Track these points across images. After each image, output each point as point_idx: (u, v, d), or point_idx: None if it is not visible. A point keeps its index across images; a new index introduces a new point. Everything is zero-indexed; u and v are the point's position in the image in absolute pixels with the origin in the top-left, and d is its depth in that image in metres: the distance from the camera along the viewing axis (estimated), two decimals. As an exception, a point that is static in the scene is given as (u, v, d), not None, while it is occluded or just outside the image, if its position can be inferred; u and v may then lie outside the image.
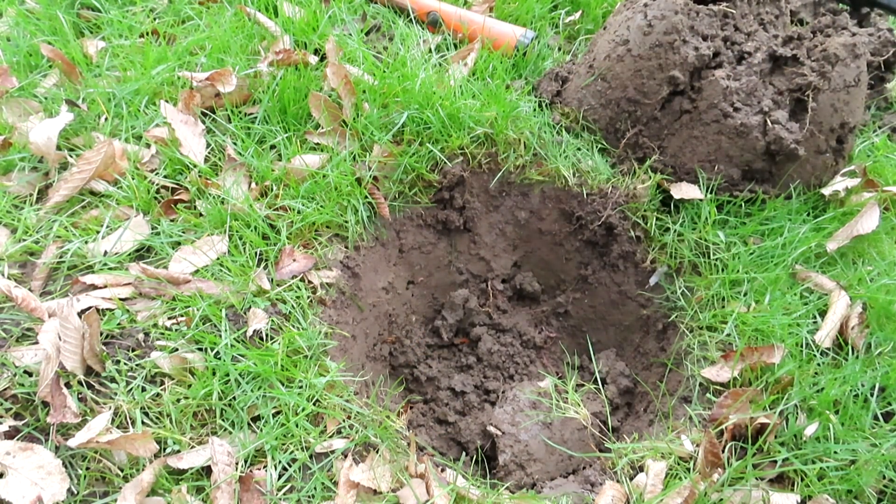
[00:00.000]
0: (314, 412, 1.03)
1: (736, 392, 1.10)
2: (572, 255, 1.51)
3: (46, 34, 1.52)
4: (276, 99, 1.39)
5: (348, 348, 1.22)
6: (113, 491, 0.92)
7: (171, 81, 1.42)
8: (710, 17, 1.41)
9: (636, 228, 1.41)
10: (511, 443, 1.19)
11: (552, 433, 1.22)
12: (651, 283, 1.40)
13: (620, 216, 1.41)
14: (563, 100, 1.57)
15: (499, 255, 1.55)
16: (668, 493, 1.00)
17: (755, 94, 1.36)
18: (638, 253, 1.42)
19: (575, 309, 1.52)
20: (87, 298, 1.07)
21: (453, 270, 1.54)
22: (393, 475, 1.00)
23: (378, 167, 1.36)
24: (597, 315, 1.50)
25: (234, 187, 1.26)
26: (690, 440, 1.08)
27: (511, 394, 1.27)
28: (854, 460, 1.03)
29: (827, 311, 1.21)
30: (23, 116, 1.34)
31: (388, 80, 1.44)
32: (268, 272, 1.17)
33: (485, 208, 1.52)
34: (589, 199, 1.44)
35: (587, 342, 1.47)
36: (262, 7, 1.62)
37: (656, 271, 1.39)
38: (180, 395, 1.01)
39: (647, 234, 1.40)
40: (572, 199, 1.46)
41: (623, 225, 1.42)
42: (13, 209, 1.21)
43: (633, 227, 1.41)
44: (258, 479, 0.95)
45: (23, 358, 1.00)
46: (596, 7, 1.86)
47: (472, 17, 1.68)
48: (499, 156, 1.46)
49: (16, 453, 0.90)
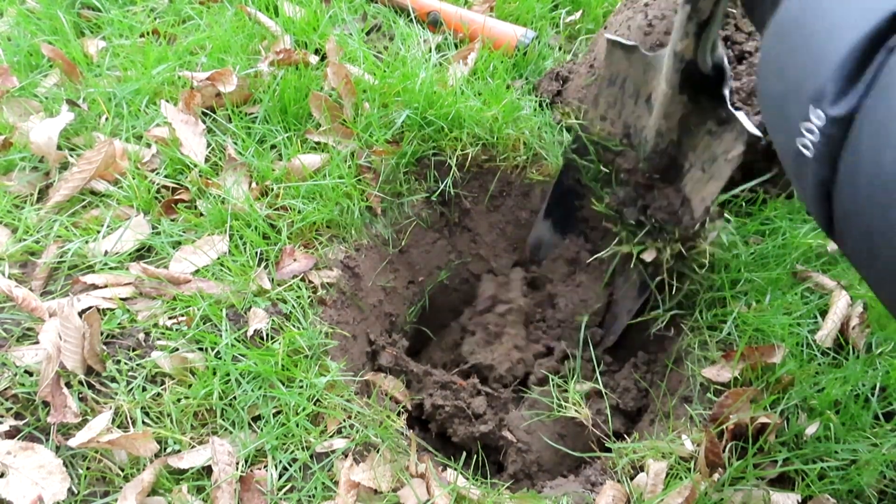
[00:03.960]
0: (315, 412, 1.04)
1: (736, 392, 1.10)
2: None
3: (47, 34, 1.52)
4: (277, 99, 1.39)
5: (349, 348, 1.22)
6: (113, 490, 0.92)
7: (172, 81, 1.42)
8: (710, 17, 1.41)
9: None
10: (521, 454, 1.19)
11: (556, 434, 1.22)
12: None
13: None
14: (564, 99, 1.57)
15: (499, 254, 1.55)
16: (668, 493, 1.00)
17: (756, 94, 1.36)
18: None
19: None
20: (87, 298, 1.07)
21: (454, 270, 1.54)
22: (393, 475, 1.00)
23: (378, 166, 1.36)
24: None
25: (235, 187, 1.26)
26: (691, 440, 1.08)
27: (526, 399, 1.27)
28: (855, 460, 1.03)
29: (827, 311, 1.20)
30: (23, 116, 1.34)
31: (388, 80, 1.44)
32: (268, 272, 1.17)
33: (485, 208, 1.52)
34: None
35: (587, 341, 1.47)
36: (263, 7, 1.62)
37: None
38: (181, 394, 1.01)
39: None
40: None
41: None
42: (14, 209, 1.21)
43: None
44: (259, 478, 0.95)
45: (23, 358, 1.00)
46: (597, 7, 1.87)
47: (472, 17, 1.68)
48: (499, 155, 1.46)
49: (17, 453, 0.90)
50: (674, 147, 1.22)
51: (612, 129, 1.31)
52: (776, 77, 0.59)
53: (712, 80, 1.10)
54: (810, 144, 0.51)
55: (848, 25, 0.50)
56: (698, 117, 1.16)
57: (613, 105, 1.29)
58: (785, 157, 0.58)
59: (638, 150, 1.27)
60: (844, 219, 0.51)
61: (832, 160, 0.50)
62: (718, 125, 1.13)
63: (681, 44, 1.06)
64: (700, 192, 1.20)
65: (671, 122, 1.18)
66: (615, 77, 1.26)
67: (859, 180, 0.47)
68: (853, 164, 0.48)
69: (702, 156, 1.19)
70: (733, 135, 1.11)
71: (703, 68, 1.09)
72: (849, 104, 0.48)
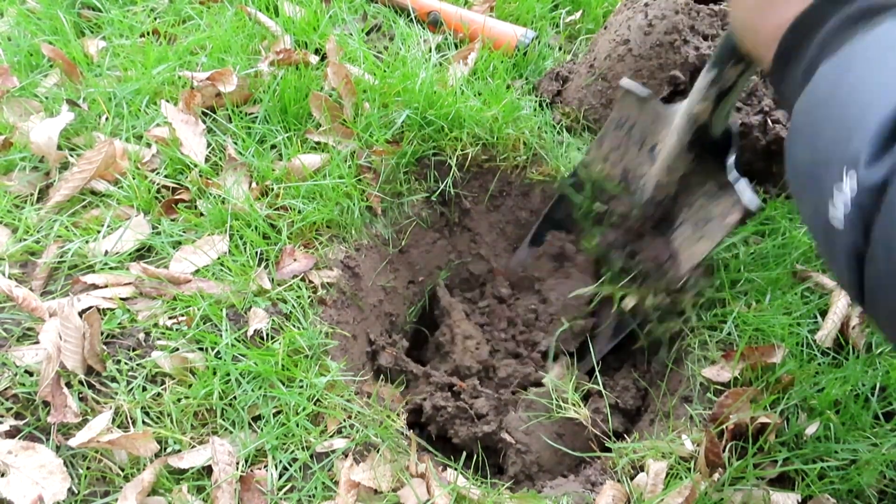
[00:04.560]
0: (315, 412, 1.04)
1: (736, 392, 1.10)
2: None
3: (47, 34, 1.52)
4: (277, 98, 1.39)
5: (349, 348, 1.22)
6: (114, 490, 0.92)
7: (172, 81, 1.42)
8: (710, 17, 1.41)
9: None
10: (520, 455, 1.19)
11: (555, 434, 1.22)
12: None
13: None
14: (564, 99, 1.57)
15: (500, 254, 1.55)
16: (668, 493, 1.00)
17: (755, 94, 1.36)
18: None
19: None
20: (87, 298, 1.07)
21: (454, 270, 1.54)
22: (393, 475, 1.00)
23: (378, 166, 1.36)
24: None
25: (235, 187, 1.26)
26: (691, 440, 1.08)
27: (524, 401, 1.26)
28: (855, 460, 1.03)
29: (827, 311, 1.20)
30: (23, 116, 1.34)
31: (388, 80, 1.44)
32: (268, 272, 1.17)
33: (485, 208, 1.52)
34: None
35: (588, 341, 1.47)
36: (263, 7, 1.62)
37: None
38: (181, 394, 1.01)
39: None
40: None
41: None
42: (14, 209, 1.21)
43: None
44: (259, 478, 0.95)
45: (23, 357, 1.00)
46: (596, 7, 1.87)
47: (472, 17, 1.68)
48: (499, 155, 1.46)
49: (17, 452, 0.90)
50: (670, 200, 1.23)
51: (612, 171, 1.32)
52: (807, 146, 0.59)
53: (720, 145, 1.12)
54: (842, 210, 0.50)
55: (883, 95, 0.50)
56: (700, 177, 1.18)
57: (617, 148, 1.30)
58: (814, 224, 0.56)
59: (634, 196, 1.28)
60: (877, 288, 0.50)
61: (865, 227, 0.48)
62: (719, 189, 1.15)
63: (698, 106, 1.08)
64: (689, 250, 1.22)
65: (673, 177, 1.20)
66: (623, 121, 1.27)
67: (893, 247, 0.46)
68: (887, 230, 0.47)
69: (696, 214, 1.20)
70: (731, 202, 1.12)
71: (713, 133, 1.11)
72: (883, 169, 0.47)
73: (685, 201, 1.22)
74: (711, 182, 1.16)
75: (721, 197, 1.14)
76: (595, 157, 1.34)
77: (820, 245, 0.58)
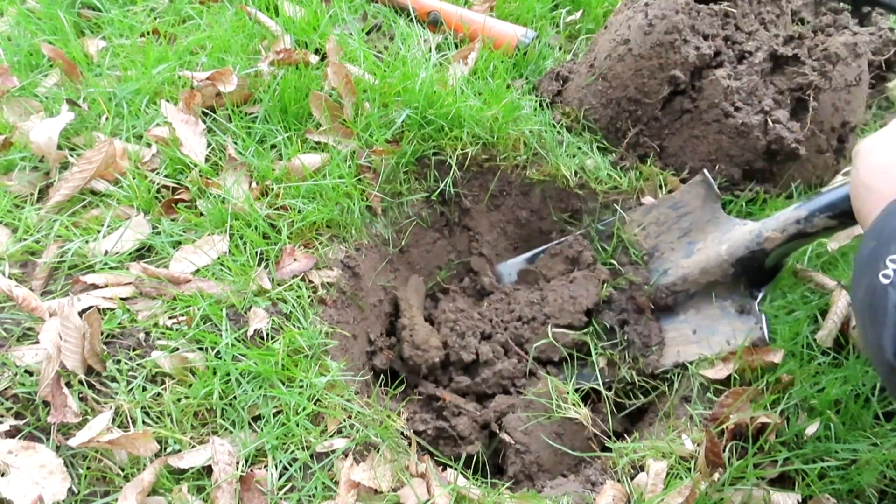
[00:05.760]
0: (315, 412, 1.04)
1: (736, 391, 1.10)
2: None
3: (47, 33, 1.52)
4: (277, 98, 1.39)
5: (349, 348, 1.22)
6: (114, 490, 0.92)
7: (172, 81, 1.42)
8: (710, 17, 1.41)
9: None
10: (520, 455, 1.19)
11: (554, 434, 1.22)
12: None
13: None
14: (564, 99, 1.57)
15: (500, 254, 1.55)
16: (668, 493, 1.00)
17: (756, 94, 1.36)
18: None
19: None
20: (87, 298, 1.07)
21: (454, 270, 1.54)
22: (393, 475, 1.00)
23: (378, 166, 1.36)
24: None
25: (235, 187, 1.26)
26: (691, 439, 1.08)
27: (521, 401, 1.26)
28: (855, 460, 1.03)
29: (828, 311, 1.20)
30: (24, 116, 1.34)
31: (388, 80, 1.44)
32: (268, 272, 1.17)
33: (485, 207, 1.52)
34: (590, 199, 1.44)
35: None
36: (263, 6, 1.62)
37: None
38: (181, 394, 1.01)
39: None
40: (573, 199, 1.46)
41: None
42: (14, 209, 1.21)
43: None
44: (259, 478, 0.95)
45: (23, 357, 1.00)
46: (597, 6, 1.86)
47: (472, 17, 1.68)
48: (499, 155, 1.46)
49: (18, 452, 0.90)
50: (685, 296, 1.27)
51: (643, 241, 1.35)
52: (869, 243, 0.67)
53: (763, 275, 1.18)
54: (892, 275, 0.58)
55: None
56: (725, 291, 1.22)
57: (659, 224, 1.33)
58: (863, 300, 0.64)
59: (651, 274, 1.32)
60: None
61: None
62: (738, 312, 1.20)
63: (772, 233, 1.11)
64: (679, 347, 1.25)
65: (703, 279, 1.24)
66: (681, 206, 1.31)
67: None
68: None
69: (702, 322, 1.24)
70: (745, 329, 1.17)
71: (766, 263, 1.15)
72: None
73: (696, 304, 1.26)
74: (733, 301, 1.21)
75: (736, 320, 1.19)
76: (634, 219, 1.37)
77: (864, 318, 0.65)
